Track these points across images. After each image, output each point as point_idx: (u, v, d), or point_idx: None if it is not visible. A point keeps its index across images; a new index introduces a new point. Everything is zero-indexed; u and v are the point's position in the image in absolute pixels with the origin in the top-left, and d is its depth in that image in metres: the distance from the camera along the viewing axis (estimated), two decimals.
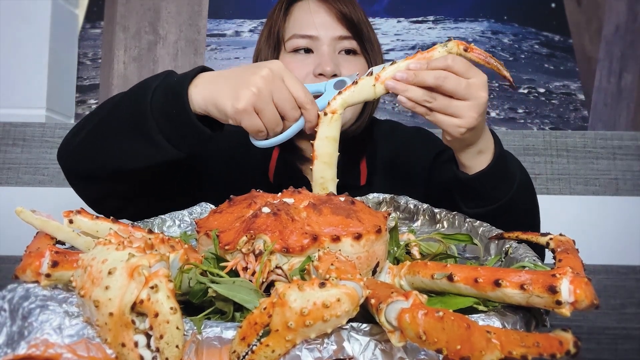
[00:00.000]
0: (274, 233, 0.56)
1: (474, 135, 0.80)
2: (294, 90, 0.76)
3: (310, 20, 1.05)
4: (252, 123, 0.76)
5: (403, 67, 0.75)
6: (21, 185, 1.56)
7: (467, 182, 0.84)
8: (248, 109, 0.74)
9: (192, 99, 0.78)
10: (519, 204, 0.87)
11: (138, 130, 0.81)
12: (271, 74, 0.76)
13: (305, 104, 0.77)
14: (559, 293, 0.49)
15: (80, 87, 1.90)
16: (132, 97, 0.84)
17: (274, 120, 0.76)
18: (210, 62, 1.90)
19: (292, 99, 0.76)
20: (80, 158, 0.90)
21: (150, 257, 0.47)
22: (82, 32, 1.92)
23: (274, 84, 0.75)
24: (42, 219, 0.62)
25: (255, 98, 0.74)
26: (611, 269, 1.49)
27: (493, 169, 0.83)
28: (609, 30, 1.86)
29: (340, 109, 0.75)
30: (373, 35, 1.10)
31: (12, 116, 1.65)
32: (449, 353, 0.43)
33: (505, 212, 0.84)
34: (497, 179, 0.84)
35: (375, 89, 0.76)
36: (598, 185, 1.53)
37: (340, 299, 0.44)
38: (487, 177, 0.83)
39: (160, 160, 0.83)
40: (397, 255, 0.69)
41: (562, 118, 1.86)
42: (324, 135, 0.76)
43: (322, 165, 0.77)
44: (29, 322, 0.49)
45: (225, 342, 0.47)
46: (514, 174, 0.86)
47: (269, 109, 0.75)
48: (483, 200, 0.84)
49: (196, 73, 0.80)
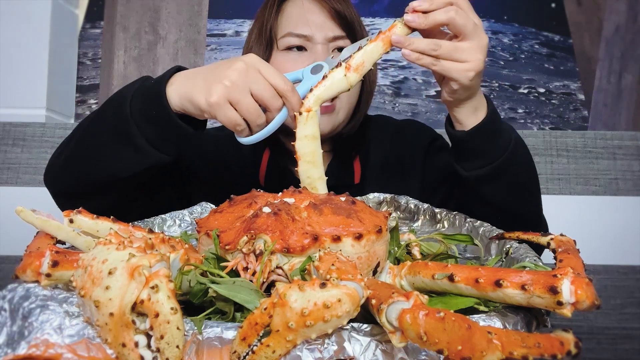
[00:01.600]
0: (275, 233, 0.56)
1: (477, 83, 0.79)
2: (273, 80, 0.75)
3: (304, 19, 1.03)
4: (227, 116, 0.75)
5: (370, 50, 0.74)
6: (21, 185, 1.56)
7: (465, 139, 0.83)
8: (221, 101, 0.74)
9: (169, 97, 0.78)
10: (519, 161, 0.86)
11: (120, 137, 0.81)
12: (245, 66, 0.75)
13: (286, 91, 0.75)
14: (560, 293, 0.49)
15: (80, 87, 1.90)
16: (111, 107, 0.84)
17: (254, 112, 0.75)
18: (210, 62, 1.89)
19: (271, 88, 0.75)
20: (67, 176, 0.90)
21: (151, 257, 0.47)
22: (82, 32, 1.92)
23: (250, 76, 0.75)
24: (43, 219, 0.61)
25: (228, 90, 0.74)
26: (611, 269, 1.49)
27: (489, 123, 0.83)
28: (609, 30, 1.86)
29: (315, 106, 0.74)
30: (365, 33, 1.10)
31: (12, 116, 1.64)
32: (450, 354, 0.42)
33: (506, 170, 0.84)
34: (494, 134, 0.84)
35: (347, 78, 0.74)
36: (598, 185, 1.53)
37: (341, 299, 0.44)
38: (484, 131, 0.83)
39: (146, 166, 0.83)
40: (398, 255, 0.69)
41: (562, 118, 1.86)
42: (302, 135, 0.75)
43: (307, 165, 0.75)
44: (29, 322, 0.49)
45: (225, 342, 0.47)
46: (509, 131, 0.86)
47: (246, 101, 0.74)
48: (483, 158, 0.84)
49: (172, 73, 0.80)
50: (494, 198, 0.85)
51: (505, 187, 0.85)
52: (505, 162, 0.83)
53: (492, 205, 0.86)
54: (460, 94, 0.80)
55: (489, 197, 0.85)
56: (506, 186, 0.85)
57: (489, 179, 0.84)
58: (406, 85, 1.88)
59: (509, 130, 0.87)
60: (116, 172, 0.84)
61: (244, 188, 0.74)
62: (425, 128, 1.21)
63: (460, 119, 0.84)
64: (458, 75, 0.76)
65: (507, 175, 0.85)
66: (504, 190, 0.85)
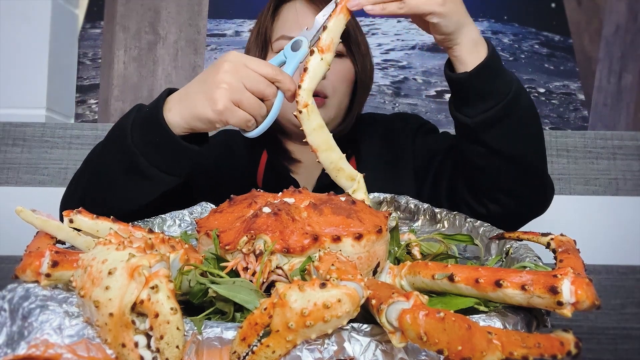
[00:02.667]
0: (275, 233, 0.56)
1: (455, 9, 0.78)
2: (261, 70, 0.77)
3: (297, 23, 1.06)
4: (238, 117, 0.77)
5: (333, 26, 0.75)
6: (21, 185, 1.56)
7: (468, 80, 0.82)
8: (228, 105, 0.76)
9: (171, 122, 0.80)
10: (522, 103, 0.85)
11: (131, 170, 0.83)
12: (232, 65, 0.77)
13: (276, 76, 0.77)
14: (560, 294, 0.49)
15: (80, 87, 1.89)
16: (112, 142, 0.86)
17: (256, 105, 0.77)
18: (210, 62, 1.89)
19: (262, 78, 0.77)
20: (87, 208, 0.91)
21: (151, 257, 0.47)
22: (82, 32, 1.92)
23: (240, 73, 0.76)
24: (42, 219, 0.61)
25: (230, 93, 0.76)
26: (611, 269, 1.49)
27: (491, 61, 0.82)
28: (609, 30, 1.86)
29: (309, 99, 0.74)
30: (361, 37, 1.11)
31: (12, 116, 1.64)
32: (450, 354, 0.42)
33: (512, 112, 0.83)
34: (496, 73, 0.83)
35: (324, 60, 0.75)
36: (598, 185, 1.53)
37: (341, 299, 0.43)
38: (487, 70, 0.81)
39: (163, 190, 0.85)
40: (398, 255, 0.69)
41: (562, 118, 1.86)
42: (310, 129, 0.75)
43: (326, 153, 0.77)
44: (29, 322, 0.49)
45: (225, 342, 0.47)
46: (510, 73, 0.85)
47: (246, 97, 0.76)
48: (488, 99, 0.82)
49: (164, 97, 0.82)
50: (501, 144, 0.84)
51: (511, 131, 0.84)
52: (510, 103, 0.82)
53: (498, 154, 0.85)
54: (446, 26, 0.78)
55: (495, 144, 0.84)
56: (512, 130, 0.84)
57: (495, 122, 0.82)
58: (406, 85, 1.88)
59: (509, 72, 0.86)
60: (135, 202, 0.85)
61: (242, 190, 0.74)
62: (411, 116, 1.22)
63: (462, 57, 0.82)
64: (428, 6, 0.76)
65: (513, 118, 0.83)
66: (511, 135, 0.84)
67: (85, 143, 1.60)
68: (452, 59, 0.84)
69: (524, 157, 0.86)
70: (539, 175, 0.90)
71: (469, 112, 0.84)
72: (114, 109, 1.87)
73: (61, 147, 1.59)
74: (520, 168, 0.86)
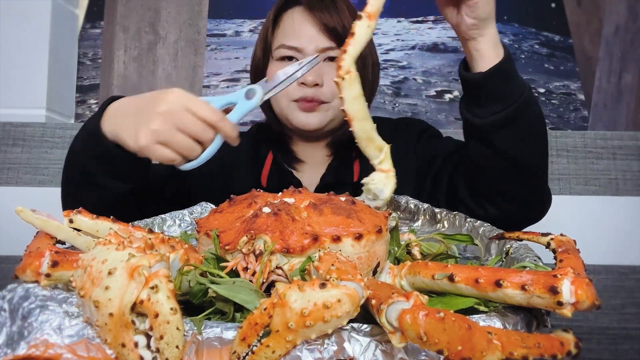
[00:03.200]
0: (275, 233, 0.56)
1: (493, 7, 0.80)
2: (201, 114, 0.76)
3: (295, 32, 1.07)
4: (159, 155, 0.77)
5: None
6: (21, 185, 1.56)
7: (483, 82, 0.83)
8: (150, 144, 0.76)
9: (105, 132, 0.81)
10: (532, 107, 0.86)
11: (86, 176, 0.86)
12: (170, 107, 0.76)
13: (216, 122, 0.77)
14: (560, 294, 0.49)
15: (80, 87, 1.89)
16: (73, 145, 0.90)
17: (187, 147, 0.77)
18: (210, 62, 1.89)
19: (199, 123, 0.76)
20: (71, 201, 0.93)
21: (151, 257, 0.47)
22: (82, 32, 1.92)
23: (175, 117, 0.76)
24: (42, 219, 0.61)
25: (155, 135, 0.76)
26: (611, 269, 1.49)
27: (507, 64, 0.83)
28: (609, 30, 1.86)
29: (352, 66, 0.74)
30: None
31: (12, 116, 1.64)
32: (449, 354, 0.42)
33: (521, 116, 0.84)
34: (511, 77, 0.84)
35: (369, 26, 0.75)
36: (598, 185, 1.53)
37: (341, 299, 0.43)
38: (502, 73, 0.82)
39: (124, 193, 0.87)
40: (398, 255, 0.69)
41: (562, 118, 1.86)
42: (350, 97, 0.75)
43: (360, 122, 0.76)
44: (29, 322, 0.49)
45: (225, 342, 0.47)
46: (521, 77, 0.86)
47: (176, 140, 0.76)
48: (500, 101, 0.83)
49: (106, 106, 0.83)
50: (507, 146, 0.85)
51: (519, 135, 0.85)
52: (521, 107, 0.83)
53: (504, 155, 0.86)
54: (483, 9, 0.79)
55: (501, 146, 0.85)
56: (520, 134, 0.85)
57: (504, 124, 0.83)
58: (406, 85, 1.88)
59: (522, 79, 0.87)
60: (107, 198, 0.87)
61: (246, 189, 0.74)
62: (415, 121, 1.23)
63: (484, 51, 0.82)
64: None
65: (522, 122, 0.84)
66: (518, 138, 0.85)
67: None
68: (473, 53, 0.84)
69: (528, 162, 0.88)
70: (539, 182, 0.92)
71: (479, 112, 0.85)
72: None
73: (61, 147, 1.59)
74: (523, 172, 0.87)
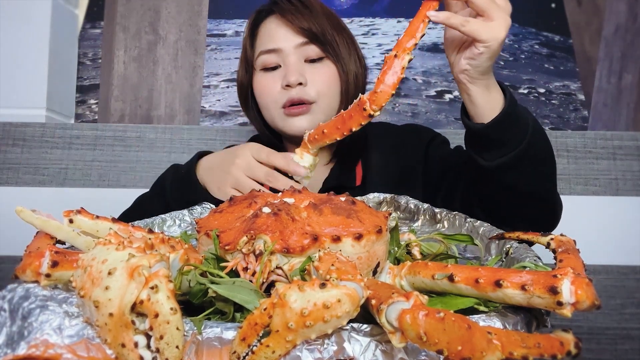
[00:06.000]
0: (275, 233, 0.56)
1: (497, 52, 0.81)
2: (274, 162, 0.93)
3: (272, 36, 1.08)
4: None
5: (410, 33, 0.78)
6: (21, 185, 1.56)
7: (486, 132, 0.83)
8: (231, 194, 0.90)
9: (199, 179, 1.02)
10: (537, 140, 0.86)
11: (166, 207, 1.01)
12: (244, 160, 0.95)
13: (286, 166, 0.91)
14: (560, 294, 0.49)
15: (80, 87, 1.89)
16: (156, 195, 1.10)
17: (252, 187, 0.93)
18: (210, 62, 1.89)
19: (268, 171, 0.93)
20: None
21: (151, 257, 0.47)
22: (82, 32, 1.92)
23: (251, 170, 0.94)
24: (42, 219, 0.61)
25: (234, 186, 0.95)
26: (611, 269, 1.49)
27: (508, 113, 0.83)
28: (609, 30, 1.86)
29: None
30: (341, 38, 1.10)
31: (12, 116, 1.64)
32: (449, 354, 0.42)
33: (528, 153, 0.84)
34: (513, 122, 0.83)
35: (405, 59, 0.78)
36: (598, 185, 1.53)
37: (341, 299, 0.43)
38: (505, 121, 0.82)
39: None
40: (398, 255, 0.69)
41: (562, 118, 1.86)
42: None
43: None
44: (29, 322, 0.49)
45: (225, 342, 0.47)
46: (525, 113, 0.86)
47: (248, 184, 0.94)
48: (505, 147, 0.83)
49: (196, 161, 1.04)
50: (517, 183, 0.86)
51: (527, 170, 0.85)
52: (526, 146, 0.83)
53: (513, 190, 0.86)
54: (485, 61, 0.80)
55: (510, 183, 0.86)
56: (528, 169, 0.85)
57: (512, 166, 0.83)
58: (406, 85, 1.88)
59: (524, 112, 0.86)
60: None
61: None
62: (423, 129, 1.22)
63: (474, 97, 0.83)
64: (486, 36, 0.77)
65: (529, 158, 0.85)
66: (527, 174, 0.85)
67: (85, 143, 1.60)
68: (464, 96, 0.85)
69: (540, 191, 0.89)
70: (549, 204, 0.93)
71: (486, 156, 0.86)
72: (114, 109, 1.87)
73: (61, 147, 1.59)
74: (535, 199, 0.88)
